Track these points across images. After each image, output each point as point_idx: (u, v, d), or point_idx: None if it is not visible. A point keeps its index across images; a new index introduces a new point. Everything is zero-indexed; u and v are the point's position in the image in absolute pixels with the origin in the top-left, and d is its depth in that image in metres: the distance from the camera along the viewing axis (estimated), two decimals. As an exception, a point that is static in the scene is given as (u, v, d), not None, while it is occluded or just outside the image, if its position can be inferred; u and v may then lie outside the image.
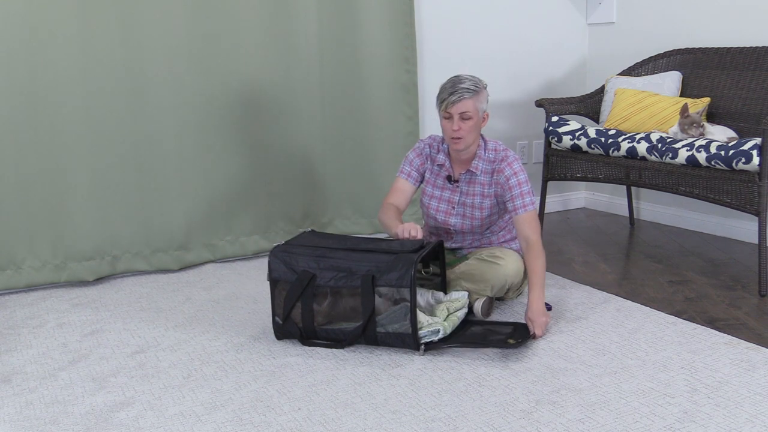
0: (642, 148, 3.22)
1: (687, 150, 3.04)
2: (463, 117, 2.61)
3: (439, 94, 2.66)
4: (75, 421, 2.02)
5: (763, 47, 3.38)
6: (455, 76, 2.66)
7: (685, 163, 3.06)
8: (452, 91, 2.60)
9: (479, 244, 2.88)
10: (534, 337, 2.48)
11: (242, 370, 2.32)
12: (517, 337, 2.44)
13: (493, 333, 2.50)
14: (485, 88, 2.69)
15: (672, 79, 3.62)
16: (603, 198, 4.53)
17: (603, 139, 3.40)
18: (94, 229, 3.25)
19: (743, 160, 2.84)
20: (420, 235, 2.57)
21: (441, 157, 2.80)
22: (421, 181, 2.88)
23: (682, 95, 3.61)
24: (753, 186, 2.86)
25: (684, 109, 3.21)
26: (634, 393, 2.11)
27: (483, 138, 2.77)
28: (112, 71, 3.19)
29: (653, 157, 3.19)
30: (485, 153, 2.75)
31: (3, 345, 2.58)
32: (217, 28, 3.36)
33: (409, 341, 2.39)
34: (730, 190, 2.96)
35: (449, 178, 2.80)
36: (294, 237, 2.68)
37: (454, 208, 2.81)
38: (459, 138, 2.64)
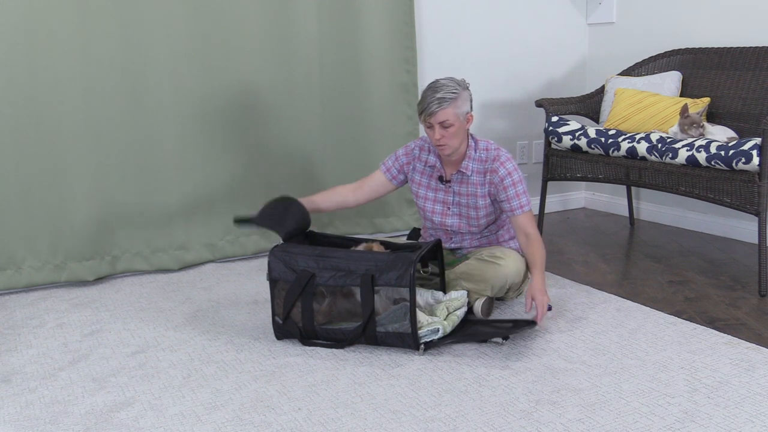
0: (642, 148, 3.22)
1: (687, 150, 3.04)
2: (444, 125, 2.61)
3: (418, 103, 2.65)
4: (75, 421, 2.02)
5: (763, 47, 3.39)
6: (433, 83, 2.63)
7: (685, 163, 3.06)
8: (429, 102, 2.59)
9: (479, 244, 2.88)
10: (535, 319, 2.48)
11: (242, 370, 2.32)
12: (516, 330, 2.44)
13: (493, 329, 2.51)
14: (467, 88, 2.66)
15: (672, 79, 3.62)
16: (603, 198, 4.53)
17: (603, 139, 3.40)
18: (94, 229, 3.25)
19: (743, 160, 2.84)
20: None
21: (432, 159, 2.80)
22: (403, 181, 2.90)
23: (682, 95, 3.61)
24: (753, 186, 2.86)
25: (684, 110, 3.21)
26: (634, 393, 2.11)
27: (473, 137, 2.77)
28: (112, 71, 3.19)
29: (653, 157, 3.19)
30: (476, 153, 2.74)
31: (3, 345, 2.58)
32: (218, 28, 3.36)
33: (409, 341, 2.39)
34: (730, 190, 2.96)
35: (441, 179, 2.80)
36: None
37: (449, 208, 2.81)
38: (443, 145, 2.65)
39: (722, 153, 2.91)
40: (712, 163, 2.95)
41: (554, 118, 3.63)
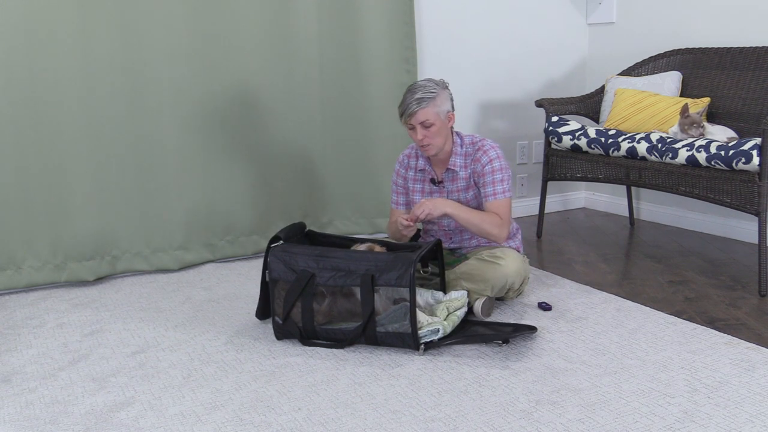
0: (642, 148, 3.22)
1: (687, 150, 3.04)
2: (425, 125, 2.66)
3: (399, 106, 2.70)
4: (75, 421, 2.02)
5: (763, 47, 3.38)
6: (411, 86, 2.69)
7: (685, 163, 3.06)
8: (409, 103, 2.64)
9: (478, 243, 2.88)
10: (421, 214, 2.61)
11: (242, 370, 2.32)
12: (517, 334, 2.44)
13: (493, 331, 2.51)
14: (446, 87, 2.71)
15: (672, 79, 3.62)
16: (603, 198, 4.53)
17: (603, 139, 3.40)
18: (94, 229, 3.25)
19: (743, 160, 2.84)
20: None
21: (421, 163, 2.85)
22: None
23: (682, 95, 3.61)
24: (753, 186, 2.86)
25: (684, 109, 3.21)
26: (634, 393, 2.11)
27: (458, 135, 2.80)
28: (112, 71, 3.19)
29: (653, 157, 3.19)
30: (462, 148, 2.78)
31: (3, 345, 2.58)
32: (217, 27, 3.36)
33: (409, 341, 2.39)
34: (730, 190, 2.96)
35: (433, 181, 2.82)
36: (287, 227, 2.70)
37: None
38: (427, 145, 2.69)
39: (722, 153, 2.91)
40: (712, 163, 2.95)
41: (554, 118, 3.63)
